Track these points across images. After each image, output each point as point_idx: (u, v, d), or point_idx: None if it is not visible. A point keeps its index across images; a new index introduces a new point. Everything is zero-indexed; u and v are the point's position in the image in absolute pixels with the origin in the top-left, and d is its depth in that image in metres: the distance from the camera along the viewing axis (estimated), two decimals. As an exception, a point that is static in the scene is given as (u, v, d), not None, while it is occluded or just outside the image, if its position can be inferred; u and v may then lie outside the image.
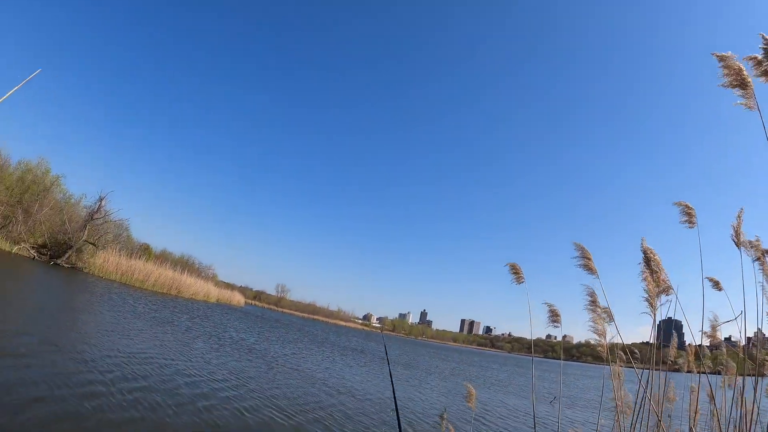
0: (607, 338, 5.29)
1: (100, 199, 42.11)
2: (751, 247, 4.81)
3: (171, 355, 14.13)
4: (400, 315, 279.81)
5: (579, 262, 5.24)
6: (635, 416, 5.63)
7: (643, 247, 5.27)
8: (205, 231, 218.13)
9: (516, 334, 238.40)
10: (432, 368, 35.57)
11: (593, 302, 5.36)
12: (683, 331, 6.26)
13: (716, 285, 5.63)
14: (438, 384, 24.60)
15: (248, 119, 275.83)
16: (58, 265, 36.73)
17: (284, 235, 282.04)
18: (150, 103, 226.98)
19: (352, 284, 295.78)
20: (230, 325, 31.58)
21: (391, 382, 2.84)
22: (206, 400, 9.77)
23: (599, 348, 5.33)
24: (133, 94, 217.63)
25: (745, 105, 3.92)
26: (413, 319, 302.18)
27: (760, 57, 3.80)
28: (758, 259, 4.87)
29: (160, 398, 8.90)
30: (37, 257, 36.16)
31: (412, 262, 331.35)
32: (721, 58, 3.99)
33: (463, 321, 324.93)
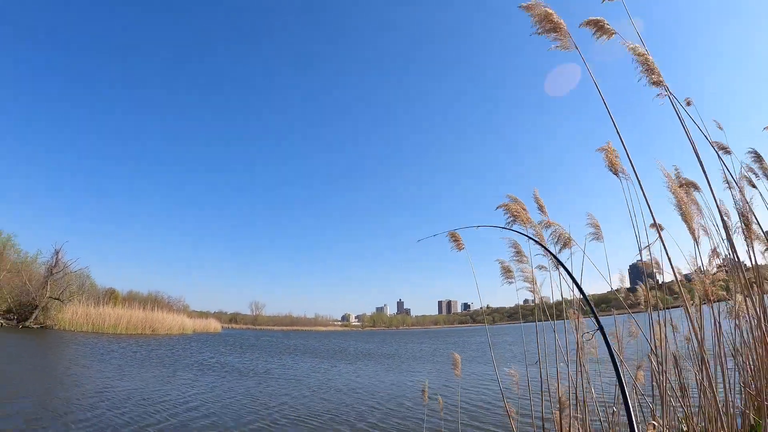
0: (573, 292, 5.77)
1: (56, 252, 41.80)
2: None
3: (170, 391, 14.56)
4: (378, 309, 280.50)
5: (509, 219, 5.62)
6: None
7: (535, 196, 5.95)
8: (166, 263, 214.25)
9: (494, 305, 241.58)
10: (416, 353, 36.35)
11: (518, 252, 5.79)
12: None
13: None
14: (422, 366, 25.41)
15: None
16: (27, 327, 36.26)
17: (246, 252, 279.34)
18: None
19: (325, 288, 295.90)
20: (208, 353, 31.89)
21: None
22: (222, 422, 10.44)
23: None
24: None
25: (561, 46, 4.12)
26: (391, 310, 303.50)
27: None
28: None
29: None
30: (4, 323, 35.62)
31: (378, 256, 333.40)
32: (528, 8, 4.18)
33: (440, 303, 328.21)
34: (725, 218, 4.98)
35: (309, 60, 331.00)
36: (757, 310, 4.50)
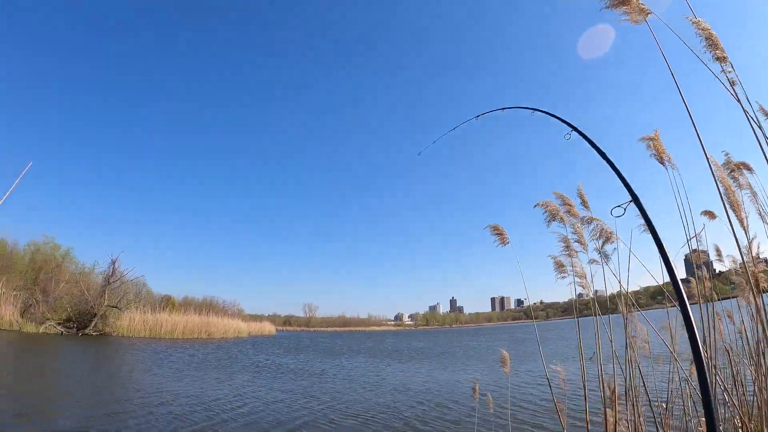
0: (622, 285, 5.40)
1: (113, 263, 42.74)
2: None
3: (228, 392, 14.65)
4: (431, 308, 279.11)
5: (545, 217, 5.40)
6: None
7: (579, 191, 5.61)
8: (220, 269, 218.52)
9: (547, 300, 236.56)
10: (468, 351, 35.98)
11: (567, 247, 5.54)
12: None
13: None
14: (474, 364, 25.13)
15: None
16: (87, 334, 37.09)
17: (299, 254, 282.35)
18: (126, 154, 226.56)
19: (378, 288, 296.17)
20: (263, 355, 32.04)
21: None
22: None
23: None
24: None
25: (631, 20, 3.84)
26: (444, 309, 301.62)
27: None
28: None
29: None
30: (64, 332, 36.44)
31: (431, 255, 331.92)
32: None
33: (493, 299, 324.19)
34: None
35: (351, 54, 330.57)
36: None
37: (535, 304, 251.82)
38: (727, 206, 4.11)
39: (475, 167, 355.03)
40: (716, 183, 4.07)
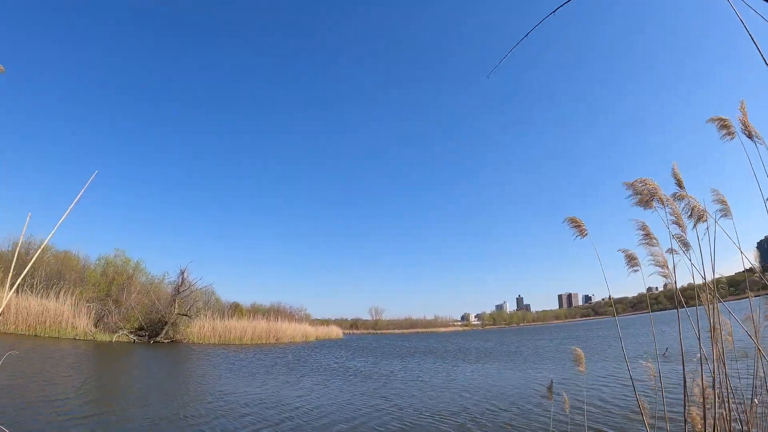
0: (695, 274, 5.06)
1: (182, 273, 43.62)
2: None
3: (299, 395, 14.67)
4: (497, 307, 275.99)
5: (633, 200, 5.13)
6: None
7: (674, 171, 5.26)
8: (287, 275, 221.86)
9: (616, 295, 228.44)
10: (537, 349, 35.53)
11: (647, 235, 5.17)
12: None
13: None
14: (544, 363, 24.70)
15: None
16: (158, 342, 37.96)
17: (366, 257, 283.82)
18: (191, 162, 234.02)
19: (444, 289, 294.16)
20: (332, 358, 32.29)
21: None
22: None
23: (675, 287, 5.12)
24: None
25: None
26: (510, 307, 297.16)
27: None
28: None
29: None
30: (137, 340, 37.36)
31: (496, 253, 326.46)
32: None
33: (560, 296, 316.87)
34: None
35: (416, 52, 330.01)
36: None
37: (603, 299, 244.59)
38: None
39: (533, 160, 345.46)
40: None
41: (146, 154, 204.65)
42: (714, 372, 4.82)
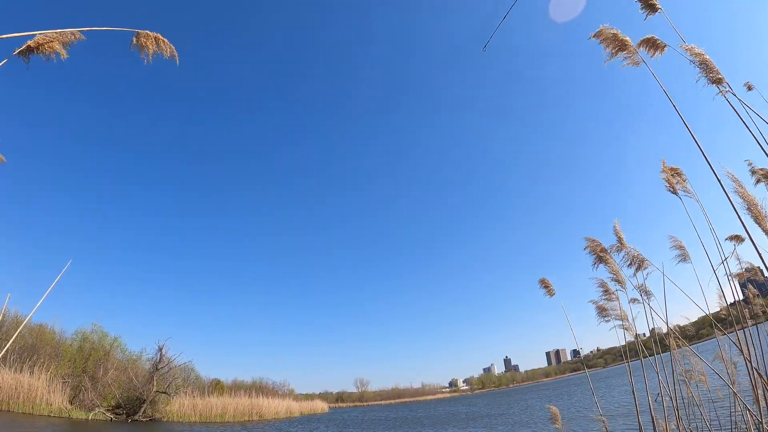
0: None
1: (160, 349, 42.73)
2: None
3: None
4: (485, 370, 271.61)
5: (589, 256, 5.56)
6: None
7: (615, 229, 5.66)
8: (268, 350, 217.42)
9: (603, 346, 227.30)
10: (524, 410, 34.92)
11: (606, 291, 5.56)
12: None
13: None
14: (529, 426, 24.12)
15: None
16: (137, 420, 36.92)
17: (348, 329, 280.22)
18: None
19: (429, 356, 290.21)
20: None
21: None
22: None
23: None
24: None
25: (631, 62, 4.32)
26: (498, 369, 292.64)
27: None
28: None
29: None
30: (114, 418, 36.42)
31: (480, 316, 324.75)
32: (598, 34, 4.41)
33: (548, 354, 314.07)
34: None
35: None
36: None
37: (591, 352, 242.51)
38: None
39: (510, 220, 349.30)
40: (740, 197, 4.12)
41: (128, 227, 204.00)
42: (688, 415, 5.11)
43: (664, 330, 5.62)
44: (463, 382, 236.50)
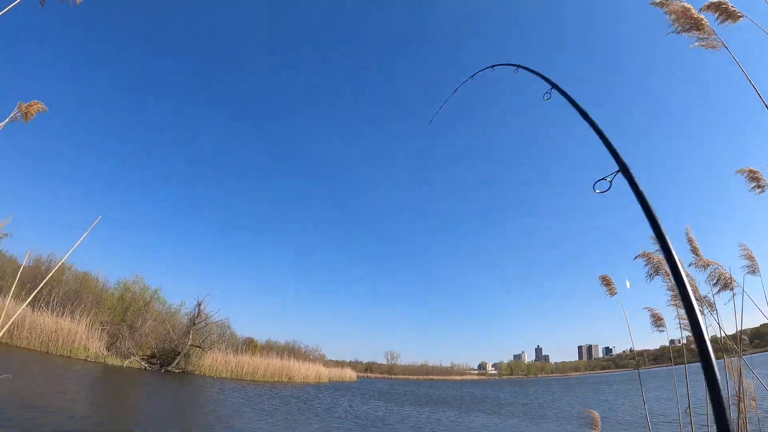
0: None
1: (199, 305, 43.21)
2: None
3: None
4: (515, 356, 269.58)
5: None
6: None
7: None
8: (303, 315, 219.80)
9: (637, 348, 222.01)
10: (549, 402, 34.96)
11: (676, 296, 5.00)
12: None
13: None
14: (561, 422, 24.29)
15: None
16: (169, 371, 37.56)
17: (383, 301, 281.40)
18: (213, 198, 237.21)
19: (461, 336, 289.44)
20: (344, 402, 32.46)
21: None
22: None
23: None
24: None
25: (706, 45, 3.67)
26: (529, 357, 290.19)
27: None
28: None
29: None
30: (147, 367, 36.97)
31: (516, 302, 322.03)
32: (662, 4, 3.80)
33: (580, 348, 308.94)
34: None
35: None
36: None
37: (624, 352, 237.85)
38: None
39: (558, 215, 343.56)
40: None
41: (174, 183, 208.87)
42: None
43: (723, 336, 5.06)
44: (492, 366, 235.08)
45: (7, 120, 3.99)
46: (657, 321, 5.41)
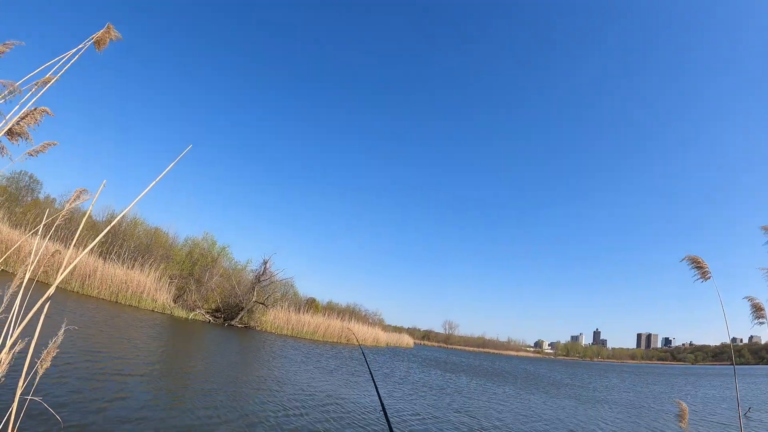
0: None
1: (264, 263, 43.88)
2: None
3: (361, 397, 14.21)
4: (572, 338, 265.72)
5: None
6: None
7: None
8: (366, 278, 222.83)
9: (697, 342, 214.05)
10: (613, 389, 34.75)
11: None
12: None
13: None
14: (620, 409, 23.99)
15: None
16: (232, 325, 38.53)
17: (447, 271, 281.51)
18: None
19: (520, 312, 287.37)
20: (402, 367, 32.63)
21: None
22: None
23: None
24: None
25: None
26: (586, 340, 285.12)
27: None
28: None
29: None
30: (212, 321, 37.96)
31: (577, 282, 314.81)
32: None
33: (639, 336, 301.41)
34: None
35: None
36: None
37: (684, 345, 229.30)
38: None
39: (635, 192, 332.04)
40: None
41: (250, 147, 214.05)
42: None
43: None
44: (549, 345, 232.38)
45: (80, 49, 3.59)
46: (757, 311, 4.58)
